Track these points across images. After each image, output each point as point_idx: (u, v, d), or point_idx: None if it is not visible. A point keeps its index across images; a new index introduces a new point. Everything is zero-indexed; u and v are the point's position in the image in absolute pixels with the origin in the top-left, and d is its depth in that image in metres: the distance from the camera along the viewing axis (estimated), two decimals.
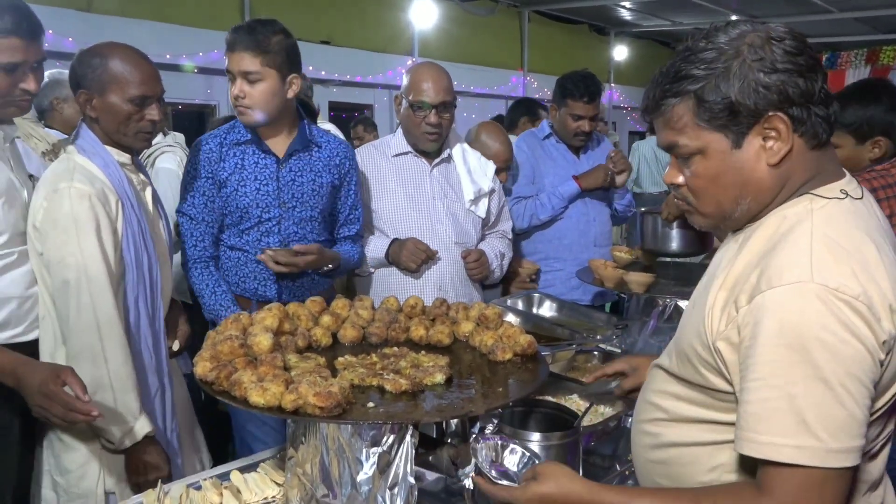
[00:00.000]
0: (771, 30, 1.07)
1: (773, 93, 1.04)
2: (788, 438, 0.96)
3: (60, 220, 1.70)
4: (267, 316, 1.51)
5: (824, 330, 0.95)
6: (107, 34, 8.37)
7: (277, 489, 1.59)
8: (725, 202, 1.12)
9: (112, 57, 1.78)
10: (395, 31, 10.63)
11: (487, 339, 1.56)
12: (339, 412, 1.20)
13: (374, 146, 2.55)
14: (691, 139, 1.09)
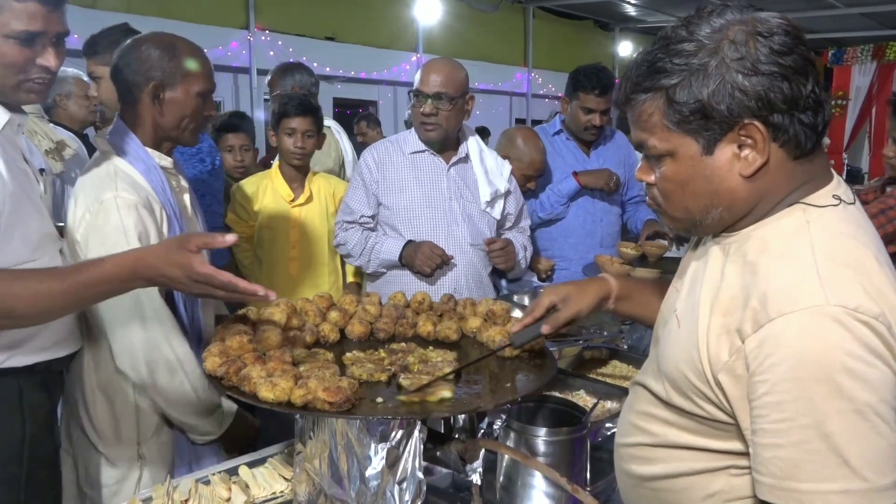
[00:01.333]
0: (760, 22, 0.96)
1: (750, 98, 0.94)
2: (834, 483, 0.86)
3: (110, 234, 1.62)
4: (275, 311, 1.51)
5: (850, 357, 0.86)
6: None
7: (286, 484, 1.59)
8: (694, 209, 1.04)
9: (183, 50, 1.78)
10: (399, 27, 10.62)
11: (495, 335, 1.56)
12: (349, 407, 1.21)
13: (390, 142, 2.54)
14: (660, 140, 1.02)
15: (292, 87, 3.41)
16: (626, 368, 2.12)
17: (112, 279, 1.33)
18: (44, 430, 1.60)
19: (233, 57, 8.66)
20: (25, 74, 1.47)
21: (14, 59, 1.44)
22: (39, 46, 1.47)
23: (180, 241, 1.32)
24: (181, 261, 1.28)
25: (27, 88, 1.49)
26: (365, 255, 2.46)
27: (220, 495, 1.53)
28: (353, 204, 2.48)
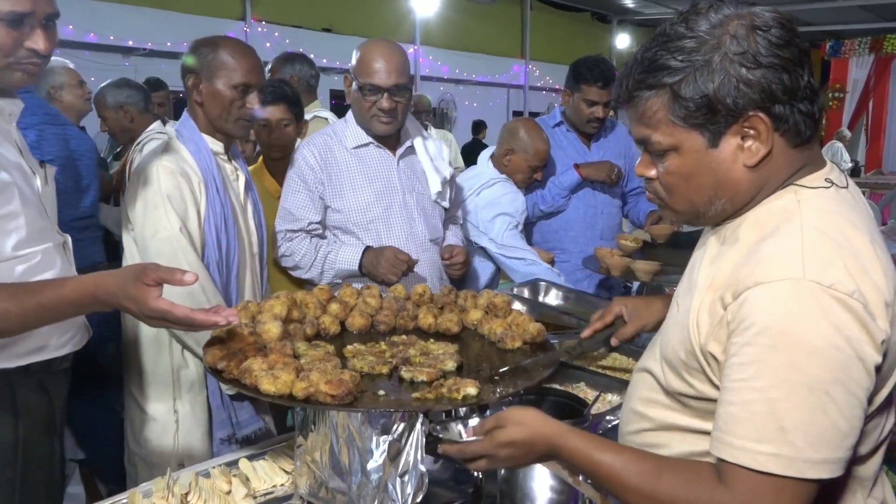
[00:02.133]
0: (756, 16, 0.99)
1: (754, 90, 0.96)
2: (764, 445, 0.91)
3: (150, 198, 1.81)
4: (275, 304, 1.50)
5: (814, 332, 0.89)
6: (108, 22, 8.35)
7: (286, 477, 1.58)
8: (699, 201, 1.06)
9: (224, 46, 1.92)
10: (396, 18, 10.58)
11: (496, 328, 1.55)
12: (351, 400, 1.20)
13: (327, 136, 2.27)
14: (665, 136, 1.03)
15: (291, 77, 3.38)
16: (626, 361, 2.12)
17: (72, 302, 1.30)
18: (40, 433, 1.57)
19: None
20: (14, 57, 1.40)
21: (1, 41, 1.37)
22: (28, 28, 1.39)
23: (138, 272, 1.26)
24: (134, 294, 1.24)
25: (17, 70, 1.42)
26: (317, 266, 2.20)
27: (221, 488, 1.52)
28: (296, 210, 2.21)
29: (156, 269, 1.25)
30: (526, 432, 1.08)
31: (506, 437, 1.09)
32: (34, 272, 1.48)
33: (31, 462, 1.54)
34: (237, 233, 1.96)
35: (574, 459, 1.07)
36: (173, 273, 1.25)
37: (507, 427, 1.10)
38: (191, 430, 1.90)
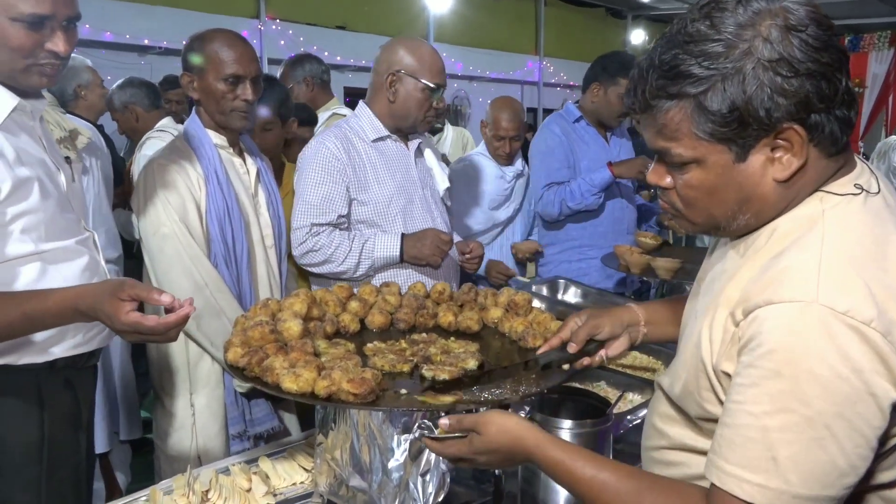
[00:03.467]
0: (790, 12, 0.88)
1: (790, 101, 0.87)
2: (754, 474, 0.85)
3: (149, 196, 1.86)
4: (296, 301, 1.50)
5: (819, 361, 0.82)
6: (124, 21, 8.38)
7: (306, 475, 1.58)
8: (720, 216, 0.98)
9: (210, 41, 1.91)
10: (410, 15, 10.56)
11: (517, 326, 1.54)
12: (373, 399, 1.19)
13: (346, 129, 2.22)
14: (687, 149, 0.93)
15: (304, 78, 3.39)
16: (646, 360, 2.10)
17: (55, 314, 1.34)
18: (66, 430, 1.58)
19: None
20: (34, 59, 1.42)
21: (21, 43, 1.38)
22: (48, 30, 1.41)
23: (114, 287, 1.30)
24: (108, 309, 1.28)
25: (36, 72, 1.44)
26: (353, 258, 2.12)
27: (241, 486, 1.52)
28: (323, 203, 2.12)
29: (133, 286, 1.30)
30: (504, 439, 1.06)
31: (483, 444, 1.07)
32: (55, 267, 1.48)
33: (57, 458, 1.55)
34: (245, 226, 1.96)
35: (553, 471, 1.03)
36: (150, 292, 1.30)
37: (485, 433, 1.07)
38: (207, 425, 1.93)
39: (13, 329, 1.34)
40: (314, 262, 2.15)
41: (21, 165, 1.41)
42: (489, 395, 1.27)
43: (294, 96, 3.46)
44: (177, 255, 1.85)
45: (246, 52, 1.93)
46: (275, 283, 2.08)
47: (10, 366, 1.45)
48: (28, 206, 1.42)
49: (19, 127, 1.47)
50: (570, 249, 2.95)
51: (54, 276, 1.46)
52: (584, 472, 0.99)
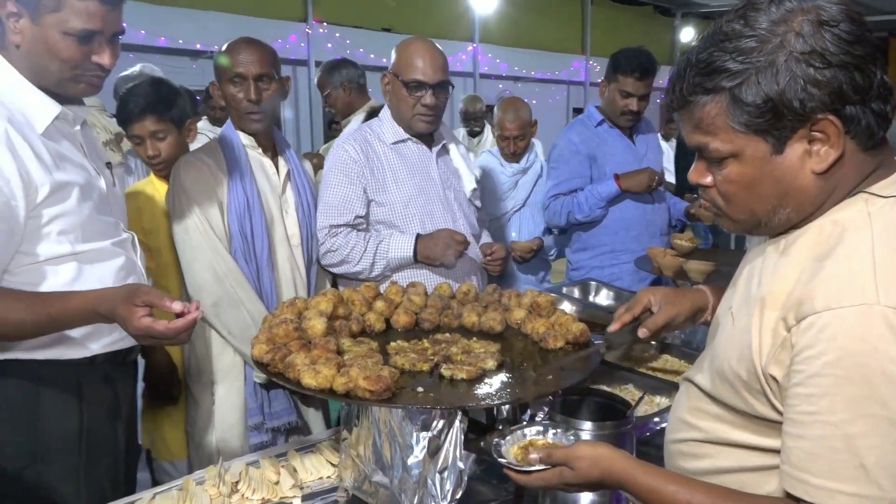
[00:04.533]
0: (822, 9, 0.91)
1: (824, 92, 0.89)
2: (844, 484, 0.85)
3: (176, 193, 1.98)
4: (322, 300, 1.54)
5: (893, 361, 0.83)
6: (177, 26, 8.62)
7: (332, 470, 1.62)
8: (760, 211, 1.00)
9: (225, 48, 2.01)
10: (454, 16, 10.60)
11: (539, 327, 1.55)
12: (389, 396, 1.22)
13: (367, 132, 2.27)
14: (724, 143, 0.96)
15: (341, 83, 3.48)
16: (677, 363, 2.07)
17: (77, 315, 1.44)
18: (105, 422, 1.65)
19: (291, 50, 8.80)
20: (81, 70, 1.50)
21: (71, 55, 1.47)
22: (96, 44, 1.49)
23: (129, 293, 1.38)
24: (122, 314, 1.37)
25: (82, 81, 1.52)
26: (367, 259, 2.16)
27: (269, 478, 1.57)
28: (340, 204, 2.16)
29: (146, 293, 1.38)
30: (595, 473, 1.06)
31: (575, 477, 1.08)
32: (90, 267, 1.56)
33: (96, 449, 1.62)
34: (268, 224, 2.02)
35: (646, 498, 1.02)
36: (162, 299, 1.39)
37: (577, 468, 1.07)
38: (225, 415, 2.00)
39: (40, 328, 1.43)
40: (333, 263, 2.20)
41: (60, 170, 1.49)
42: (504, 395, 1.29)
43: (332, 101, 3.54)
44: (199, 248, 1.94)
45: (249, 53, 1.98)
46: (300, 281, 2.11)
47: (53, 360, 1.53)
48: (65, 208, 1.49)
49: (61, 133, 1.55)
50: (602, 255, 2.92)
51: (90, 275, 1.54)
52: (676, 497, 0.99)
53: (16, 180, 1.39)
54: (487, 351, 1.44)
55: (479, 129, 5.61)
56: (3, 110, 1.43)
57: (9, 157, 1.39)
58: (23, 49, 1.46)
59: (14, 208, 1.40)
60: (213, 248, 1.95)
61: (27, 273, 1.47)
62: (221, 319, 1.97)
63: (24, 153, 1.42)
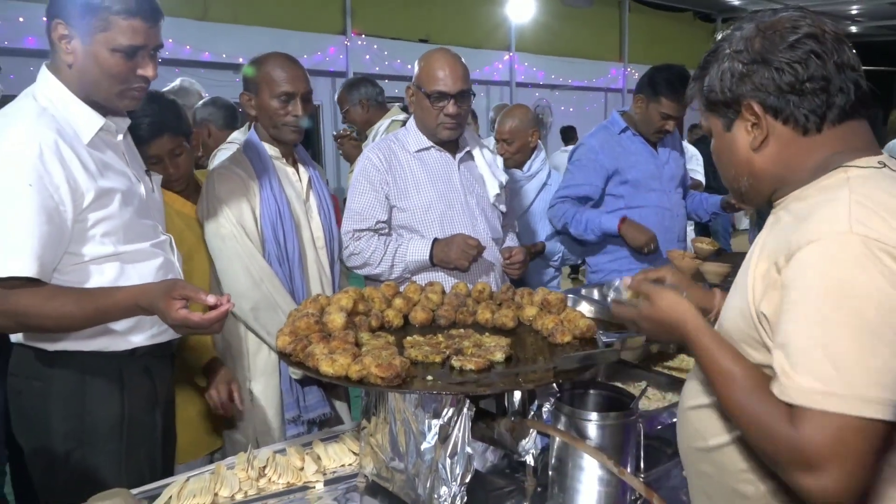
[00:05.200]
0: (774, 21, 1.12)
1: (746, 82, 1.12)
2: (820, 384, 0.95)
3: (210, 202, 2.08)
4: (343, 297, 1.64)
5: (864, 278, 0.95)
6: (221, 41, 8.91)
7: (354, 458, 1.72)
8: (730, 178, 1.22)
9: (265, 63, 2.11)
10: (491, 26, 10.70)
11: (549, 323, 1.62)
12: (399, 383, 1.31)
13: (391, 142, 2.40)
14: (704, 120, 1.24)
15: (359, 101, 3.63)
16: (692, 362, 2.11)
17: (120, 308, 1.57)
18: (144, 411, 1.78)
19: (331, 62, 9.02)
20: (127, 84, 1.63)
21: (119, 70, 1.60)
22: (140, 58, 1.62)
23: (167, 288, 1.52)
24: (161, 306, 1.50)
25: (128, 96, 1.65)
26: (387, 261, 2.29)
27: (294, 464, 1.67)
28: (364, 210, 2.30)
29: (183, 287, 1.51)
30: (669, 316, 1.22)
31: (651, 312, 1.26)
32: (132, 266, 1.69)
33: (136, 436, 1.75)
34: (296, 228, 2.14)
35: (700, 354, 1.16)
36: (197, 293, 1.52)
37: (655, 304, 1.25)
38: (263, 410, 2.10)
39: (88, 320, 1.57)
40: (356, 265, 2.34)
41: (104, 177, 1.62)
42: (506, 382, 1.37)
43: (351, 117, 3.69)
44: (235, 254, 2.04)
45: (297, 72, 2.11)
46: (326, 280, 2.24)
47: (98, 352, 1.66)
48: (109, 212, 1.63)
49: (105, 143, 1.68)
50: (621, 258, 2.96)
51: (131, 274, 1.67)
52: (722, 362, 1.10)
53: (64, 187, 1.53)
54: (497, 344, 1.52)
55: None
56: (54, 123, 1.56)
57: (58, 166, 1.52)
58: (75, 67, 1.60)
59: (63, 213, 1.54)
60: (250, 255, 2.05)
61: (75, 272, 1.60)
62: (260, 322, 2.07)
63: (71, 162, 1.55)
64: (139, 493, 1.57)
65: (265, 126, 2.16)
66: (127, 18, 1.57)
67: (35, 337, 1.63)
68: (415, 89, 2.32)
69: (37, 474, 1.70)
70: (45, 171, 1.50)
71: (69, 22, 1.56)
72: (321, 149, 9.37)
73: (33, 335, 1.62)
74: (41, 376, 1.64)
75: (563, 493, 1.49)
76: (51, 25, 1.58)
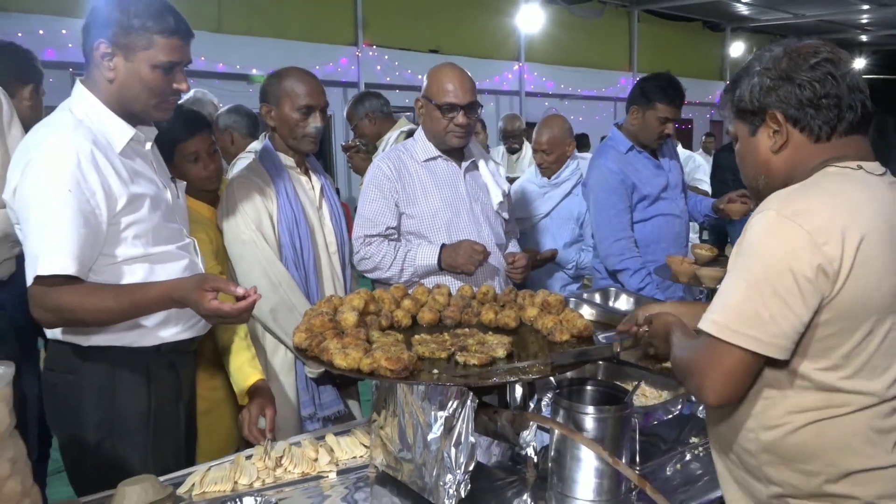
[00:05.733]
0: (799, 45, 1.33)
1: (772, 95, 1.31)
2: (713, 315, 1.26)
3: (230, 209, 2.18)
4: (355, 298, 1.75)
5: (764, 243, 1.21)
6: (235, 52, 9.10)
7: (365, 450, 1.82)
8: (750, 177, 1.42)
9: (286, 77, 2.23)
10: (501, 37, 10.84)
11: (548, 322, 1.72)
12: (406, 375, 1.41)
13: (400, 151, 2.50)
14: (732, 126, 1.43)
15: (366, 114, 3.74)
16: None
17: (155, 302, 1.68)
18: (169, 404, 1.89)
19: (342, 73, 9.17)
20: (164, 97, 1.76)
21: (158, 84, 1.73)
22: (176, 73, 1.75)
23: (199, 281, 1.63)
24: (195, 298, 1.61)
25: (163, 108, 1.78)
26: (397, 266, 2.40)
27: (309, 455, 1.77)
28: (374, 216, 2.41)
29: (214, 280, 1.64)
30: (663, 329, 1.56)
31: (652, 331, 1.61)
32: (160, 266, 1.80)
33: (161, 427, 1.86)
34: (310, 234, 2.26)
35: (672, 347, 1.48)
36: (227, 285, 1.64)
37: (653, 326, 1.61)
38: (282, 408, 2.18)
39: (124, 313, 1.69)
40: (367, 269, 2.46)
41: (134, 184, 1.74)
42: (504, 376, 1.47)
43: (360, 131, 3.82)
44: (255, 259, 2.15)
45: (316, 86, 2.24)
46: (338, 283, 2.35)
47: (127, 347, 1.78)
48: (139, 216, 1.74)
49: (135, 152, 1.80)
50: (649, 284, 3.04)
51: (160, 273, 1.79)
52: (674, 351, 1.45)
53: (100, 193, 1.65)
54: (500, 342, 1.61)
55: (518, 146, 5.81)
56: (89, 134, 1.68)
57: (94, 173, 1.64)
58: (117, 82, 1.72)
59: (98, 216, 1.66)
60: (269, 260, 2.16)
61: (108, 272, 1.72)
62: (279, 323, 2.17)
63: (105, 170, 1.67)
64: (164, 480, 1.67)
65: (283, 136, 2.26)
66: (167, 37, 1.70)
67: (70, 333, 1.74)
68: (424, 101, 2.42)
69: (69, 462, 1.82)
70: (83, 177, 1.62)
71: (113, 41, 1.69)
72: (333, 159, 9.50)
73: (69, 331, 1.73)
74: (75, 370, 1.75)
75: (562, 482, 1.58)
76: (93, 45, 1.69)
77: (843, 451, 1.24)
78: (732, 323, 1.22)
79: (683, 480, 1.69)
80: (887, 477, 1.24)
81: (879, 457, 1.23)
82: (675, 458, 1.80)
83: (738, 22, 14.08)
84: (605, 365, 2.02)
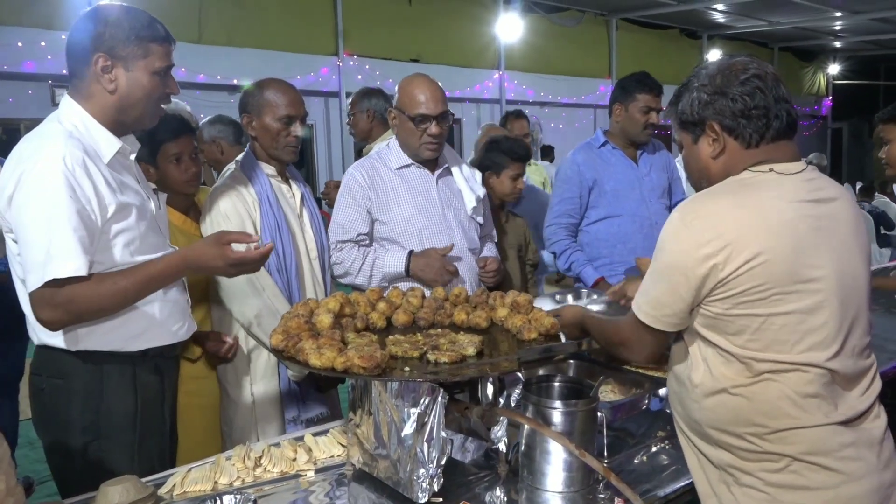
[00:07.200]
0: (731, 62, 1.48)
1: (709, 107, 1.47)
2: (638, 297, 1.51)
3: (214, 218, 2.25)
4: (330, 301, 1.81)
5: (665, 239, 1.43)
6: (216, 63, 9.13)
7: (342, 449, 1.87)
8: (694, 181, 1.58)
9: (267, 88, 2.29)
10: (480, 46, 10.95)
11: (517, 321, 1.79)
12: (379, 372, 1.47)
13: (375, 159, 2.57)
14: (678, 134, 1.57)
15: (367, 110, 3.72)
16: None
17: (169, 271, 1.78)
18: (154, 406, 1.94)
19: (323, 82, 9.23)
20: (160, 102, 1.85)
21: (156, 90, 1.81)
22: (168, 78, 1.84)
23: (216, 238, 1.78)
24: (218, 252, 1.76)
25: (157, 113, 1.87)
26: (365, 272, 2.46)
27: (288, 455, 1.82)
28: (346, 222, 2.48)
29: (228, 234, 1.81)
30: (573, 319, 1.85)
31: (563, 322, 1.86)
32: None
33: (147, 428, 1.91)
34: (293, 241, 2.32)
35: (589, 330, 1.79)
36: (241, 235, 1.80)
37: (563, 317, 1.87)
38: (266, 410, 2.25)
39: (141, 291, 1.77)
40: (339, 274, 2.52)
41: (122, 193, 1.80)
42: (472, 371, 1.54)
43: (354, 122, 3.79)
44: None
45: (296, 97, 2.31)
46: (319, 288, 2.41)
47: (114, 352, 1.83)
48: (127, 224, 1.80)
49: (121, 164, 1.86)
50: (601, 266, 3.11)
51: None
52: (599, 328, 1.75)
53: (93, 200, 1.71)
54: (470, 341, 1.68)
55: None
56: (80, 144, 1.73)
57: (87, 180, 1.70)
58: (118, 93, 1.78)
59: (94, 220, 1.71)
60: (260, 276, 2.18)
61: None
62: (262, 328, 2.21)
63: (96, 178, 1.73)
64: (146, 481, 1.71)
65: (265, 146, 2.32)
66: (160, 44, 1.80)
67: (59, 337, 1.77)
68: (397, 113, 2.47)
69: (55, 465, 1.86)
70: (77, 183, 1.68)
71: (111, 54, 1.75)
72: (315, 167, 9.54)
73: (58, 336, 1.77)
74: (62, 374, 1.80)
75: (532, 475, 1.64)
76: (90, 59, 1.75)
77: (770, 413, 1.37)
78: (642, 304, 1.49)
79: (650, 471, 1.75)
80: (812, 435, 1.37)
81: (804, 418, 1.37)
82: (642, 451, 1.86)
83: (714, 29, 14.32)
84: (575, 363, 2.08)
